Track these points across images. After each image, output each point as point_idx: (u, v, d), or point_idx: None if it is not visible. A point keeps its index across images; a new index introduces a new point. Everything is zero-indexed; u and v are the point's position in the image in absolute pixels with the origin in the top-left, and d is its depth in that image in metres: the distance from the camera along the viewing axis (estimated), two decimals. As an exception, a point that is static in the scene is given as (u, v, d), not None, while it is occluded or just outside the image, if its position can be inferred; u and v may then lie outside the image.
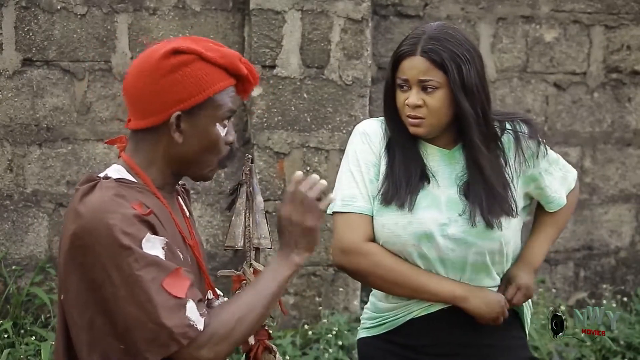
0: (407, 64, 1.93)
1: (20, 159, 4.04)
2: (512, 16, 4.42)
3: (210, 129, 1.55)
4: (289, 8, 3.98)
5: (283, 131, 4.01)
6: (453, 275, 1.98)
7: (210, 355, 1.45)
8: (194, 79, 1.51)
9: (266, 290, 1.55)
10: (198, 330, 1.43)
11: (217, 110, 1.55)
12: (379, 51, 4.30)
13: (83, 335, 1.46)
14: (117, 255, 1.41)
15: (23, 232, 4.06)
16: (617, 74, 4.55)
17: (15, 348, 3.61)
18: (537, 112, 4.49)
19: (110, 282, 1.41)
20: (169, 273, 1.43)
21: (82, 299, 1.45)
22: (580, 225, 4.55)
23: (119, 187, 1.50)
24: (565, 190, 2.13)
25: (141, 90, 1.54)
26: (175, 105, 1.52)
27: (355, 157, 2.03)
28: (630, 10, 4.50)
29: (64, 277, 1.48)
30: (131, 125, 1.58)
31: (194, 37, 1.60)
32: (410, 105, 1.93)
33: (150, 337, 1.41)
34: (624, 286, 4.63)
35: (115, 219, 1.42)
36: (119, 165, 1.59)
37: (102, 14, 4.04)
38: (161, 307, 1.40)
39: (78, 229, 1.44)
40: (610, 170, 4.59)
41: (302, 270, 4.09)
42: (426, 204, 1.96)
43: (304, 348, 3.86)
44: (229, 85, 1.56)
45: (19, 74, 4.01)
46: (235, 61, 1.56)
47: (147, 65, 1.55)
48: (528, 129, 2.03)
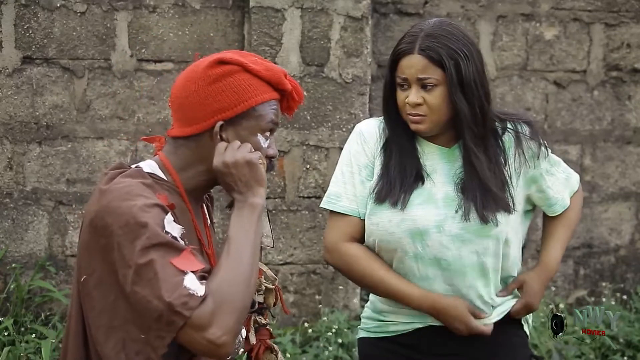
0: (406, 62, 1.92)
1: (20, 156, 4.04)
2: (512, 14, 4.42)
3: (251, 139, 1.57)
4: (289, 6, 3.97)
5: (283, 129, 4.01)
6: (450, 280, 1.94)
7: (219, 332, 1.40)
8: (238, 88, 1.55)
9: (243, 243, 1.49)
10: (198, 298, 1.38)
11: (259, 121, 1.57)
12: (379, 49, 4.30)
13: (103, 318, 1.45)
14: (133, 234, 1.40)
15: (23, 230, 4.06)
16: (617, 72, 4.54)
17: (16, 346, 3.61)
18: (537, 110, 4.49)
19: (124, 262, 1.41)
20: (180, 252, 1.43)
21: (106, 281, 1.45)
22: (580, 223, 4.54)
23: (148, 178, 1.53)
24: (568, 192, 2.11)
25: (186, 98, 1.57)
26: (218, 113, 1.55)
27: (348, 157, 2.05)
28: (630, 8, 4.50)
29: (87, 258, 1.48)
30: (174, 132, 1.60)
31: (242, 52, 1.64)
32: (410, 104, 1.92)
33: (156, 316, 1.39)
34: (623, 284, 4.63)
35: (137, 200, 1.44)
36: (152, 161, 1.61)
37: (101, 11, 4.04)
38: (164, 282, 1.38)
39: (100, 209, 1.45)
40: (610, 168, 4.59)
41: (302, 268, 4.10)
42: (421, 201, 1.95)
43: (304, 346, 3.86)
44: (272, 99, 1.59)
45: (19, 72, 4.01)
46: (279, 75, 1.60)
47: (193, 75, 1.58)
48: (529, 129, 2.02)
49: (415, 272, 1.96)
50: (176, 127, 1.60)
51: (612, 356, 3.88)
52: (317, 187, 4.05)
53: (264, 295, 1.77)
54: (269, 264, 4.03)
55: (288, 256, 4.10)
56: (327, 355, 3.72)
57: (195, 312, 1.38)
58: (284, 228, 4.06)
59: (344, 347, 3.77)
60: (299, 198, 4.06)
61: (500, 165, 1.98)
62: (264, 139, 1.59)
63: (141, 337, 1.42)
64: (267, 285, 1.76)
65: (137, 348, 1.43)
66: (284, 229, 4.06)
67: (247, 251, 1.49)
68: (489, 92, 1.97)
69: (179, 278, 1.39)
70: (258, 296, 1.76)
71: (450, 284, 1.95)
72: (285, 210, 4.06)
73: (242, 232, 1.51)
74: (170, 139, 1.63)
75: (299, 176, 4.05)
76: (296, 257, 4.10)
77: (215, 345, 1.40)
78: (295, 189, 4.06)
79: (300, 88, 1.67)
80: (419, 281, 1.96)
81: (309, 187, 4.06)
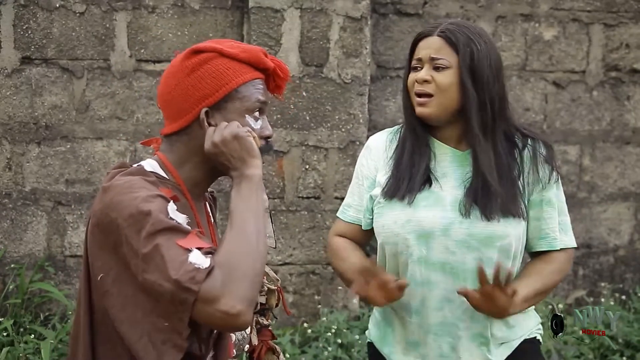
0: (423, 43, 1.94)
1: (19, 157, 4.04)
2: (511, 14, 4.42)
3: (240, 121, 1.57)
4: (288, 6, 3.97)
5: (282, 129, 4.01)
6: (451, 287, 1.91)
7: (231, 301, 1.35)
8: (216, 73, 1.55)
9: (245, 212, 1.47)
10: (204, 270, 1.36)
11: (244, 102, 1.57)
12: (378, 49, 4.30)
13: (126, 313, 1.44)
14: (138, 223, 1.40)
15: (22, 231, 4.06)
16: (616, 73, 4.55)
17: (15, 346, 3.61)
18: (536, 111, 4.49)
19: (133, 253, 1.40)
20: (186, 235, 1.42)
21: (123, 276, 1.44)
22: (579, 224, 4.55)
23: (149, 175, 1.53)
24: (561, 238, 2.01)
25: (168, 94, 1.58)
26: (201, 101, 1.55)
27: (357, 169, 2.12)
28: (629, 8, 4.50)
29: (101, 257, 1.47)
30: (166, 130, 1.61)
31: (218, 39, 1.64)
32: (418, 80, 1.92)
33: (169, 297, 1.37)
34: (622, 284, 4.63)
35: (141, 192, 1.44)
36: (153, 161, 1.61)
37: (100, 12, 4.04)
38: (170, 262, 1.36)
39: (104, 207, 1.46)
40: (609, 168, 4.60)
41: (301, 268, 4.10)
42: (428, 203, 1.94)
43: (303, 346, 3.86)
44: (254, 78, 1.59)
45: (18, 72, 4.00)
46: (258, 54, 1.59)
47: (172, 70, 1.59)
48: (547, 152, 1.99)
49: (417, 277, 1.94)
50: (167, 125, 1.61)
51: (611, 356, 3.88)
52: (316, 188, 4.05)
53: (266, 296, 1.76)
54: (268, 264, 4.02)
55: (287, 256, 4.10)
56: (326, 356, 3.72)
57: (203, 285, 1.35)
58: (283, 228, 4.06)
59: (343, 348, 3.77)
60: (298, 198, 4.06)
61: (512, 170, 1.94)
62: (253, 119, 1.58)
63: (165, 325, 1.41)
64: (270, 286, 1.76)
65: (163, 337, 1.42)
66: (283, 229, 4.06)
67: (250, 219, 1.46)
68: (504, 92, 1.96)
69: (184, 256, 1.38)
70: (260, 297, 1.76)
71: (451, 290, 1.92)
72: (285, 210, 4.06)
73: (242, 203, 1.48)
74: (165, 138, 1.63)
75: (298, 176, 4.05)
76: (295, 258, 4.10)
77: (230, 315, 1.35)
78: (294, 189, 4.06)
79: (284, 65, 1.65)
80: (420, 286, 1.94)
81: (308, 187, 4.06)
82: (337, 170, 4.01)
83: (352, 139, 4.01)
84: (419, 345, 1.98)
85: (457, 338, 1.95)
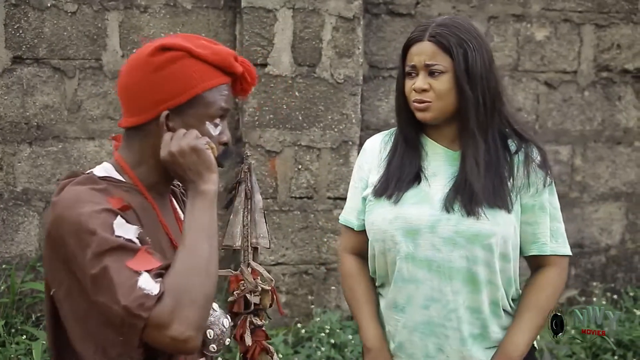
0: (415, 49, 1.93)
1: (11, 157, 4.02)
2: (503, 15, 4.43)
3: (199, 128, 1.51)
4: (281, 6, 3.97)
5: (275, 129, 4.01)
6: (437, 284, 1.92)
7: (182, 327, 1.34)
8: (183, 75, 1.48)
9: (196, 231, 1.43)
10: (154, 297, 1.34)
11: (207, 109, 1.51)
12: (371, 49, 4.30)
13: (79, 327, 1.43)
14: (83, 242, 1.37)
15: (13, 231, 4.04)
16: (608, 73, 4.57)
17: (6, 347, 3.59)
18: (528, 111, 4.51)
19: (82, 271, 1.38)
20: (135, 253, 1.38)
21: (74, 291, 1.42)
22: (571, 223, 4.57)
23: (99, 183, 1.48)
24: (551, 244, 2.00)
25: (130, 87, 1.51)
26: (164, 102, 1.49)
27: (355, 172, 2.14)
28: (620, 9, 4.52)
29: (53, 271, 1.46)
30: (122, 123, 1.55)
31: (187, 35, 1.56)
32: (417, 90, 1.92)
33: (117, 321, 1.35)
34: (614, 284, 4.65)
35: (85, 207, 1.39)
36: (109, 163, 1.57)
37: (92, 11, 4.03)
38: (119, 286, 1.34)
39: (53, 221, 1.42)
40: (601, 168, 4.62)
41: (294, 268, 4.09)
42: (416, 200, 1.95)
43: (296, 346, 3.86)
44: (221, 83, 1.52)
45: (9, 72, 3.99)
46: (228, 59, 1.53)
47: (136, 63, 1.51)
48: (540, 157, 1.98)
49: (404, 274, 1.95)
50: (124, 118, 1.54)
51: (602, 355, 3.90)
52: (308, 188, 4.05)
53: (260, 296, 1.76)
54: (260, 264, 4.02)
55: (280, 257, 4.09)
56: (320, 356, 3.72)
57: (153, 312, 1.33)
58: (276, 228, 4.06)
59: (336, 348, 3.77)
60: (291, 198, 4.06)
61: (502, 167, 1.94)
62: (213, 126, 1.52)
63: (120, 340, 1.38)
64: (264, 286, 1.75)
65: (118, 351, 1.40)
66: (276, 229, 4.05)
67: (201, 240, 1.43)
68: (498, 88, 1.95)
69: (133, 280, 1.35)
70: (254, 297, 1.75)
71: (437, 289, 1.93)
72: (277, 210, 4.06)
73: (195, 222, 1.44)
74: (123, 134, 1.58)
75: (291, 176, 4.05)
76: (288, 258, 4.10)
77: (179, 341, 1.35)
78: (287, 189, 4.06)
79: (253, 69, 1.59)
80: (408, 284, 1.95)
81: (301, 187, 4.05)
82: (330, 171, 4.01)
83: (345, 139, 4.01)
84: (406, 345, 1.99)
85: (444, 338, 1.94)
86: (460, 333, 1.94)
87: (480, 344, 1.96)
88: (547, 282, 2.00)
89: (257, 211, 1.74)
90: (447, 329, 1.94)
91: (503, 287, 1.96)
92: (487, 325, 1.96)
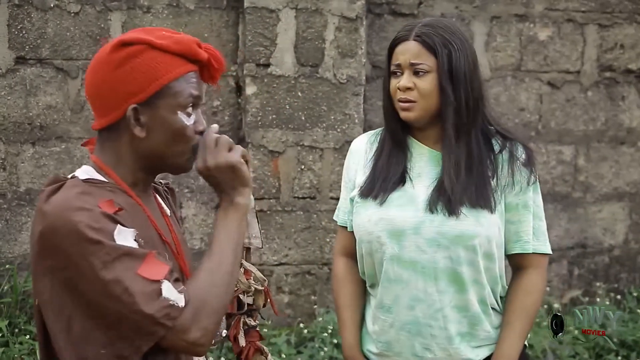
0: (400, 48, 1.95)
1: (14, 157, 4.03)
2: (506, 15, 4.43)
3: (171, 118, 1.48)
4: (283, 6, 3.97)
5: (277, 129, 4.01)
6: (423, 285, 1.93)
7: (198, 334, 1.40)
8: (146, 68, 1.46)
9: (225, 244, 1.48)
10: (180, 308, 1.38)
11: (176, 98, 1.48)
12: (373, 49, 4.30)
13: (61, 338, 1.42)
14: (87, 251, 1.35)
15: (16, 231, 4.05)
16: (611, 73, 4.56)
17: (10, 347, 3.60)
18: (531, 111, 4.50)
19: (85, 280, 1.36)
20: (143, 260, 1.38)
21: (57, 302, 1.40)
22: (574, 224, 4.56)
23: (86, 186, 1.46)
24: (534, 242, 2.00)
25: (95, 88, 1.49)
26: (130, 98, 1.46)
27: (344, 173, 2.16)
28: (623, 9, 4.52)
29: (37, 280, 1.44)
30: (95, 125, 1.53)
31: (147, 28, 1.54)
32: (401, 88, 1.93)
33: (134, 327, 1.36)
34: (617, 284, 4.64)
35: (81, 215, 1.37)
36: (88, 166, 1.54)
37: (95, 12, 4.03)
38: (139, 295, 1.35)
39: (44, 230, 1.39)
40: (604, 168, 4.61)
41: (297, 269, 4.10)
42: (401, 202, 1.96)
43: (299, 346, 3.86)
44: (187, 72, 1.50)
45: (12, 73, 3.99)
46: (191, 46, 1.50)
47: (98, 62, 1.50)
48: (525, 155, 1.98)
49: (390, 275, 1.96)
50: (96, 120, 1.52)
51: (606, 356, 3.89)
52: (311, 188, 4.05)
53: (253, 296, 1.75)
54: (263, 264, 4.03)
55: (283, 257, 4.09)
56: (322, 356, 3.72)
57: (177, 321, 1.38)
58: (279, 229, 4.06)
59: (339, 348, 3.76)
60: (294, 199, 4.06)
61: (485, 167, 1.95)
62: (186, 115, 1.50)
63: (101, 353, 1.38)
64: (257, 286, 1.74)
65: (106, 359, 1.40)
66: (279, 229, 4.06)
67: (228, 252, 1.48)
68: (481, 90, 1.97)
69: (154, 287, 1.36)
70: (247, 297, 1.74)
71: (422, 289, 1.94)
72: (280, 210, 4.06)
73: (225, 233, 1.49)
74: (97, 135, 1.55)
75: (294, 177, 4.05)
76: (291, 258, 4.10)
77: (195, 345, 1.41)
78: (289, 189, 4.06)
79: (219, 54, 1.55)
80: (394, 284, 1.96)
81: (304, 187, 4.06)
82: (333, 171, 4.01)
83: (348, 139, 4.01)
84: (394, 345, 2.00)
85: (430, 338, 1.95)
86: (447, 332, 1.95)
87: (468, 343, 1.98)
88: (532, 286, 2.01)
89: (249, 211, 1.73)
90: (434, 329, 1.95)
91: (489, 286, 1.97)
92: (476, 324, 1.97)
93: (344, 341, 2.11)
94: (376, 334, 2.05)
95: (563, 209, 4.57)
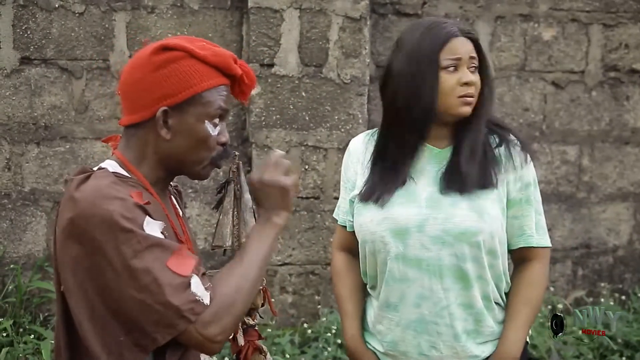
0: (458, 42, 1.92)
1: (19, 157, 4.04)
2: (510, 15, 4.42)
3: (198, 126, 1.54)
4: (287, 6, 3.98)
5: (281, 130, 4.01)
6: (428, 283, 1.94)
7: (217, 331, 1.44)
8: (182, 74, 1.52)
9: (256, 255, 1.55)
10: (205, 305, 1.43)
11: (206, 108, 1.54)
12: (377, 50, 4.30)
13: (85, 324, 1.44)
14: (118, 239, 1.39)
15: (21, 231, 4.06)
16: (615, 73, 4.55)
17: (14, 347, 3.61)
18: (536, 111, 4.49)
19: (112, 267, 1.40)
20: (172, 252, 1.43)
21: (82, 288, 1.43)
22: (579, 224, 4.55)
23: (115, 177, 1.51)
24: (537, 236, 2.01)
25: (131, 85, 1.55)
26: (162, 100, 1.52)
27: (342, 172, 2.18)
28: (628, 8, 4.51)
29: (62, 267, 1.47)
30: (123, 121, 1.58)
31: (190, 37, 1.60)
32: (470, 83, 1.92)
33: (156, 318, 1.40)
34: (622, 284, 4.63)
35: (114, 204, 1.41)
36: (112, 160, 1.59)
37: (100, 12, 4.04)
38: (167, 286, 1.39)
39: (75, 216, 1.42)
40: (609, 168, 4.60)
41: (301, 269, 4.10)
42: (403, 200, 1.96)
43: (303, 346, 3.86)
44: (220, 84, 1.56)
45: (17, 73, 4.00)
46: (227, 60, 1.56)
47: (138, 62, 1.56)
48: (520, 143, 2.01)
49: (395, 274, 1.96)
50: (125, 116, 1.57)
51: (610, 356, 3.88)
52: (315, 188, 4.05)
53: None
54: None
55: (287, 257, 4.10)
56: (326, 356, 3.72)
57: (200, 316, 1.42)
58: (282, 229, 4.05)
59: (343, 348, 3.76)
60: (298, 199, 4.06)
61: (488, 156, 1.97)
62: (212, 126, 1.56)
63: (120, 340, 1.43)
64: None
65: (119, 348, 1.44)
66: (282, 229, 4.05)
67: (257, 264, 1.54)
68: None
69: (182, 281, 1.41)
70: None
71: (428, 287, 1.94)
72: (284, 210, 4.06)
73: (259, 245, 1.57)
74: (123, 132, 1.60)
75: (298, 177, 4.04)
76: (295, 258, 4.10)
77: (211, 342, 1.45)
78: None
79: (252, 71, 1.63)
80: (399, 283, 1.96)
81: (308, 187, 4.06)
82: (337, 171, 4.01)
83: (352, 139, 4.00)
84: (399, 343, 2.01)
85: (436, 335, 1.96)
86: (454, 329, 1.95)
87: (474, 340, 1.98)
88: (535, 278, 2.03)
89: (246, 211, 1.74)
90: (440, 326, 1.96)
91: (493, 282, 1.98)
92: (481, 320, 1.98)
93: (346, 331, 2.11)
94: (381, 334, 2.05)
95: (567, 209, 4.57)
